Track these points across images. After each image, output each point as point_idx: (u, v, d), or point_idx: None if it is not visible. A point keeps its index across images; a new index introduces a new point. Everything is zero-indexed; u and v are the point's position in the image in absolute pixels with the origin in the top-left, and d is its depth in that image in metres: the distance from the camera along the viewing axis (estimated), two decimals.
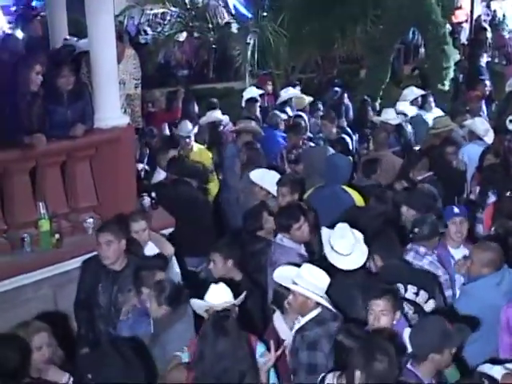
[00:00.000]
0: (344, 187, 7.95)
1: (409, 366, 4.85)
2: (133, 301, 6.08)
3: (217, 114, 10.67)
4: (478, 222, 8.05)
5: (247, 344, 4.98)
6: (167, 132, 11.00)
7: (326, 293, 5.44)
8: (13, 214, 7.16)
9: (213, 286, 5.50)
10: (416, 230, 6.71)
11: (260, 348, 5.17)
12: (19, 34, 11.81)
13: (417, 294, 5.92)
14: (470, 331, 5.06)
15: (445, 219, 6.96)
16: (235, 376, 4.78)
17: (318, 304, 5.37)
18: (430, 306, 5.89)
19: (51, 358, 5.16)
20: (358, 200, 7.83)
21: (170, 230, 7.72)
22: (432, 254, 6.62)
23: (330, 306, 5.35)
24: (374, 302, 5.33)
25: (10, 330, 5.22)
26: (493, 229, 7.23)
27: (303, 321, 5.41)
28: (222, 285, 5.52)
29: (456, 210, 7.00)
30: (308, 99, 11.97)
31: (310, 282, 5.35)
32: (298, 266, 5.64)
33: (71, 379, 5.02)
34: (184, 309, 5.71)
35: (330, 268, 5.79)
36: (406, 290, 5.93)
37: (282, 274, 5.68)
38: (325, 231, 6.24)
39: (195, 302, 5.55)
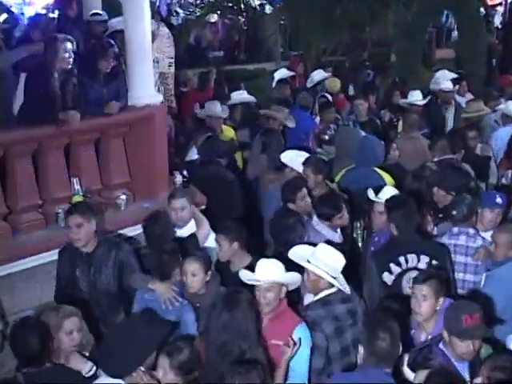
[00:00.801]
0: (376, 169, 7.95)
1: (440, 345, 4.86)
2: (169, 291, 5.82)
3: (245, 95, 10.68)
4: None
5: (255, 323, 4.93)
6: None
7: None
8: (47, 189, 7.28)
9: (262, 261, 5.36)
10: (454, 212, 6.64)
11: (297, 331, 5.10)
12: (54, 14, 11.89)
13: (429, 264, 6.08)
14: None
15: (482, 203, 6.83)
16: (234, 351, 4.74)
17: (331, 285, 5.32)
18: None
19: (81, 343, 5.14)
20: (390, 182, 7.83)
21: (202, 207, 7.77)
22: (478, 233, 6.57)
23: (342, 287, 5.29)
24: (416, 287, 5.29)
25: (42, 313, 5.23)
26: None
27: (310, 300, 5.43)
28: (271, 261, 5.35)
29: (498, 199, 6.80)
30: (338, 82, 11.97)
31: (323, 262, 5.31)
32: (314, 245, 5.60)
33: (94, 368, 4.97)
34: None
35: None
36: (419, 260, 6.10)
37: (298, 253, 5.56)
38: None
39: (244, 273, 5.42)
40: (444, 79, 11.47)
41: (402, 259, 6.10)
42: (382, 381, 4.34)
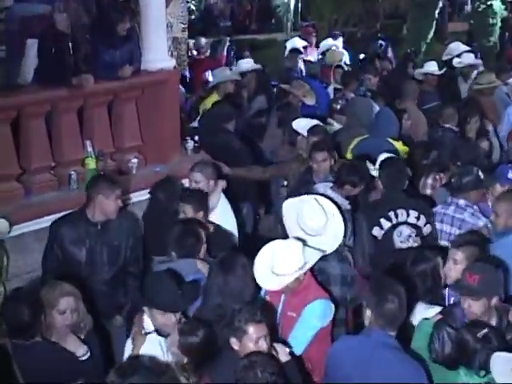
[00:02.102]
0: (389, 139, 7.94)
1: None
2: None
3: (252, 63, 10.64)
4: None
5: (250, 288, 4.97)
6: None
7: None
8: (61, 151, 7.32)
9: (279, 255, 5.07)
10: (453, 180, 6.72)
11: (310, 307, 5.04)
12: None
13: (418, 218, 6.36)
14: None
15: (494, 177, 6.84)
16: (228, 313, 4.73)
17: None
18: (427, 229, 6.41)
19: (76, 324, 4.94)
20: (402, 151, 7.85)
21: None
22: (473, 205, 6.57)
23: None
24: (451, 250, 5.38)
25: (39, 287, 5.12)
26: None
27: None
28: (289, 253, 5.05)
29: (511, 175, 6.75)
30: (339, 55, 11.90)
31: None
32: None
33: (88, 353, 4.82)
34: None
35: None
36: (408, 215, 6.34)
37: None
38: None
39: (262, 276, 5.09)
40: (457, 51, 11.48)
41: (391, 214, 6.35)
42: (387, 343, 4.37)
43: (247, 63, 10.71)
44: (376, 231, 6.32)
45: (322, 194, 6.33)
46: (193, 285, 5.13)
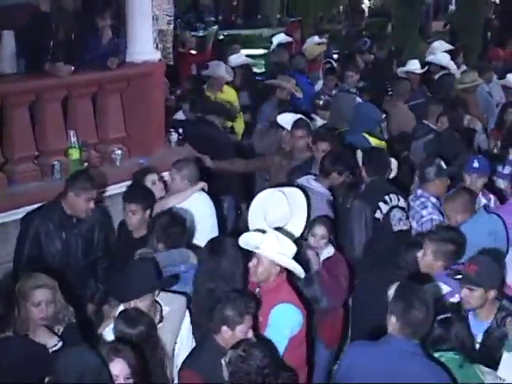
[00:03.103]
0: (365, 135, 7.95)
1: None
2: None
3: (244, 58, 10.65)
4: (499, 177, 8.08)
5: (241, 269, 5.01)
6: (195, 72, 11.04)
7: None
8: (44, 141, 7.27)
9: (272, 233, 5.14)
10: (417, 172, 6.89)
11: (273, 312, 4.91)
12: None
13: (404, 202, 6.58)
14: None
15: (464, 168, 6.93)
16: (220, 297, 4.71)
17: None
18: None
19: (53, 316, 4.85)
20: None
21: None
22: (429, 197, 6.62)
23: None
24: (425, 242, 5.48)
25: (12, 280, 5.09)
26: None
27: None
28: (281, 238, 5.08)
29: (475, 164, 6.86)
30: (320, 49, 11.92)
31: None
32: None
33: (60, 343, 4.69)
34: None
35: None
36: (399, 199, 6.52)
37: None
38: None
39: (251, 236, 5.19)
40: (440, 50, 11.54)
41: (387, 198, 6.48)
42: (412, 352, 4.21)
43: (239, 57, 10.70)
44: (378, 214, 6.42)
45: (302, 187, 6.38)
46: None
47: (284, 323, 4.85)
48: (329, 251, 6.03)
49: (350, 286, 6.08)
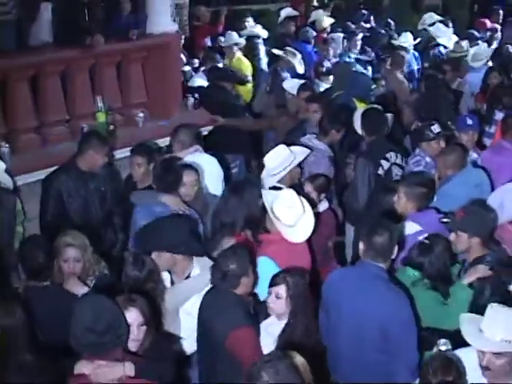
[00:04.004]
0: (354, 99, 7.93)
1: None
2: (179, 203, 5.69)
3: (256, 28, 10.47)
4: (486, 136, 7.98)
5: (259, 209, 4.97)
6: (210, 44, 10.89)
7: None
8: (74, 106, 7.26)
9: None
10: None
11: (261, 263, 4.70)
12: None
13: (402, 159, 6.49)
14: None
15: (457, 127, 6.86)
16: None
17: None
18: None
19: (82, 272, 4.79)
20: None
21: (210, 127, 7.74)
22: (424, 156, 6.48)
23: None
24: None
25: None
26: None
27: None
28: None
29: (469, 121, 6.77)
30: (329, 21, 11.75)
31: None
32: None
33: None
34: None
35: None
36: (396, 157, 6.44)
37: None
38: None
39: None
40: (431, 20, 11.37)
41: (388, 155, 6.40)
42: (379, 275, 4.28)
43: (252, 27, 10.52)
44: (380, 171, 6.36)
45: (307, 145, 6.36)
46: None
47: (262, 276, 4.63)
48: (324, 205, 5.86)
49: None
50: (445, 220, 5.02)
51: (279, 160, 5.84)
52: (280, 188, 5.41)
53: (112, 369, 3.64)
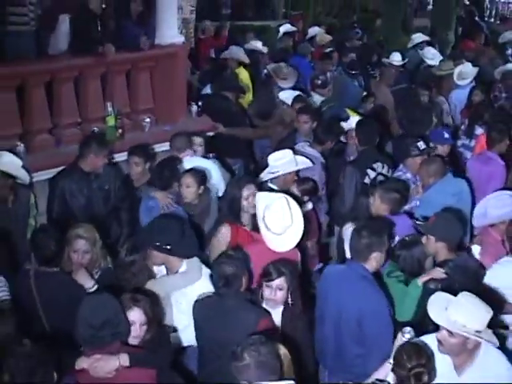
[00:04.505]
0: (347, 109, 7.92)
1: None
2: (167, 198, 5.85)
3: (258, 44, 10.49)
4: (466, 149, 8.04)
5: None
6: (213, 55, 10.92)
7: None
8: (86, 110, 7.25)
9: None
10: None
11: None
12: None
13: (387, 170, 6.57)
14: None
15: (432, 140, 6.89)
16: None
17: None
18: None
19: (89, 263, 4.80)
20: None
21: (211, 133, 7.77)
22: (405, 173, 6.44)
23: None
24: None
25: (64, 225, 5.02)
26: None
27: None
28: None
29: (446, 135, 6.87)
30: (328, 37, 11.81)
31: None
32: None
33: (95, 286, 4.61)
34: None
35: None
36: (383, 167, 6.51)
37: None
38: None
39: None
40: (418, 40, 11.48)
41: (375, 165, 6.46)
42: (365, 276, 4.37)
43: (255, 43, 10.51)
44: (366, 180, 6.41)
45: (300, 152, 6.46)
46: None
47: None
48: (307, 207, 5.92)
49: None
50: (418, 223, 5.13)
51: (281, 161, 5.97)
52: (273, 189, 5.53)
53: (107, 362, 3.67)
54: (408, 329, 3.85)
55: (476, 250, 5.31)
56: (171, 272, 4.65)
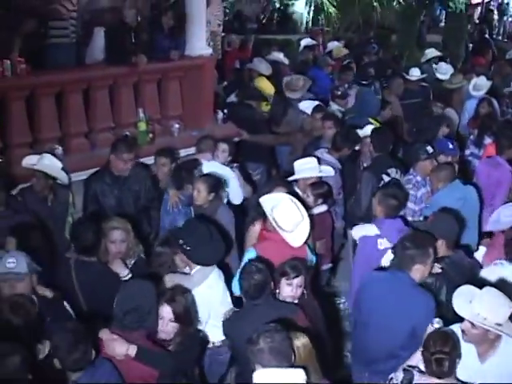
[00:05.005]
0: (370, 119, 7.90)
1: None
2: (174, 197, 5.90)
3: (280, 55, 10.47)
4: (475, 158, 7.97)
5: None
6: (238, 66, 10.92)
7: None
8: (119, 116, 7.31)
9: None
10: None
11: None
12: None
13: (400, 175, 6.46)
14: None
15: (438, 149, 6.71)
16: None
17: None
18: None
19: (125, 252, 4.83)
20: None
21: (237, 139, 7.75)
22: (415, 176, 6.36)
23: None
24: None
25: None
26: None
27: None
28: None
29: (451, 146, 6.75)
30: (344, 51, 11.75)
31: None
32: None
33: (130, 275, 4.65)
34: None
35: None
36: (396, 173, 6.45)
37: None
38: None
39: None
40: (431, 55, 11.38)
41: (389, 171, 6.41)
42: (411, 283, 4.29)
43: (278, 54, 10.46)
44: (381, 184, 6.34)
45: (319, 157, 6.42)
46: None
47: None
48: (320, 209, 5.88)
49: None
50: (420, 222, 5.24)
51: (305, 166, 6.02)
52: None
53: (118, 345, 3.76)
54: (437, 319, 3.92)
55: (482, 250, 5.30)
56: (188, 270, 4.65)
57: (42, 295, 4.12)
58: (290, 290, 4.33)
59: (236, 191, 6.20)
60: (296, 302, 4.36)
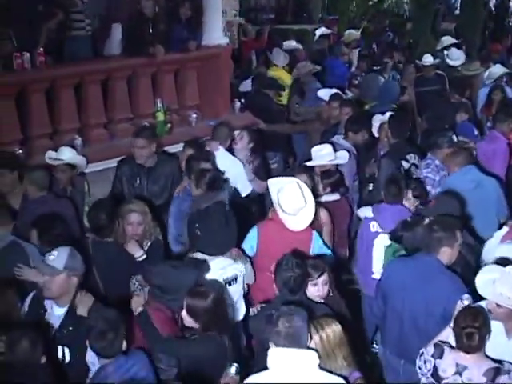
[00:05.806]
0: (393, 106, 7.77)
1: None
2: (184, 183, 5.76)
3: (293, 43, 10.33)
4: None
5: None
6: (254, 57, 10.81)
7: None
8: (137, 106, 7.25)
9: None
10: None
11: None
12: None
13: (418, 160, 6.37)
14: None
15: (462, 133, 6.74)
16: None
17: None
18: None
19: (142, 234, 4.82)
20: None
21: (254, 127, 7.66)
22: (434, 160, 6.25)
23: None
24: None
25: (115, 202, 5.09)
26: None
27: None
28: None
29: (476, 132, 6.77)
30: (355, 36, 11.52)
31: None
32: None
33: (144, 256, 4.68)
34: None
35: None
36: (415, 158, 6.34)
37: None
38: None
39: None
40: (447, 43, 11.15)
41: (408, 157, 6.33)
42: (437, 266, 4.19)
43: (290, 43, 10.37)
44: (401, 170, 6.26)
45: (334, 143, 6.40)
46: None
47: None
48: (332, 197, 5.72)
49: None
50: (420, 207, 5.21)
51: (320, 153, 5.96)
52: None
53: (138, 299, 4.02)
54: (466, 296, 3.88)
55: (504, 230, 5.09)
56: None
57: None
58: (315, 289, 4.18)
59: (244, 183, 6.09)
60: (323, 301, 4.21)
